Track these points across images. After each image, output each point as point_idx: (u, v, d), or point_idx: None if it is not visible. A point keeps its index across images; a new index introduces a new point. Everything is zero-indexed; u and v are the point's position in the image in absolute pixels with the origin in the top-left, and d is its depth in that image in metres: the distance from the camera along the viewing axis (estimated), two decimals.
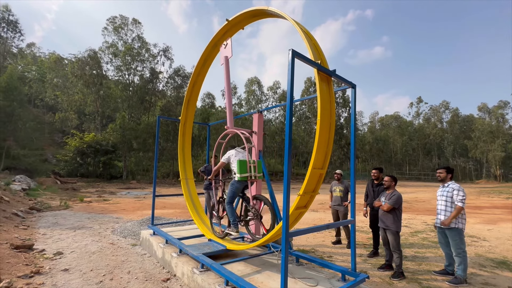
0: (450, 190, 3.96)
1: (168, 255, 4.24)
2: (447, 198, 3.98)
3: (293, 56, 2.46)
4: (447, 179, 4.10)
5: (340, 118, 42.55)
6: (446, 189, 4.03)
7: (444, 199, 4.01)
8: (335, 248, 5.60)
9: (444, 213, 3.97)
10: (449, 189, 3.99)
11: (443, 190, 4.09)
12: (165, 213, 9.62)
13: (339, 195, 5.81)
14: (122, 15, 33.02)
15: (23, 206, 9.42)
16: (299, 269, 3.58)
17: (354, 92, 3.32)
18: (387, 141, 56.94)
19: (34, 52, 51.25)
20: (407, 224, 8.26)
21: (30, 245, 4.95)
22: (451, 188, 3.98)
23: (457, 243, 3.84)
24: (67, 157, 26.61)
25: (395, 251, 4.05)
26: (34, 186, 16.11)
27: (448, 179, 4.10)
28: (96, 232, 6.57)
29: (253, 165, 4.00)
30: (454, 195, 3.89)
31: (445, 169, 4.13)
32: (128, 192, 18.24)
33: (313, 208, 11.66)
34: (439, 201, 4.13)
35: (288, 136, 2.44)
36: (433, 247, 5.70)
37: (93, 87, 30.96)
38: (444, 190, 4.07)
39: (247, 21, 4.36)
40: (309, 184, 2.77)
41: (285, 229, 2.38)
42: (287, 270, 2.39)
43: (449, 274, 4.05)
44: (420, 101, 59.33)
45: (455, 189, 3.92)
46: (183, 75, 36.03)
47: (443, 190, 4.09)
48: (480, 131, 45.08)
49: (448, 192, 3.98)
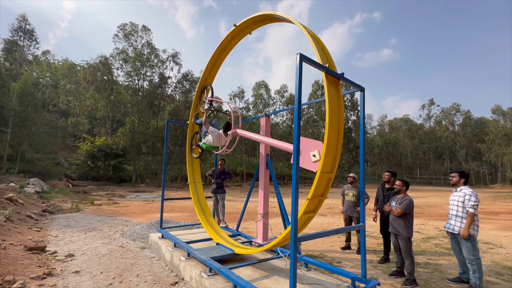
0: (462, 195, 3.84)
1: (176, 259, 4.25)
2: (458, 203, 3.87)
3: (301, 60, 2.46)
4: (459, 183, 3.98)
5: (349, 121, 42.08)
6: (458, 194, 3.92)
7: (456, 203, 3.90)
8: (344, 253, 5.50)
9: (455, 218, 3.87)
10: (461, 193, 3.88)
11: (455, 195, 3.98)
12: (173, 217, 9.69)
13: (352, 200, 5.65)
14: (133, 23, 33.86)
15: (37, 208, 9.66)
16: (308, 274, 3.53)
17: (363, 96, 3.29)
18: (396, 144, 55.88)
19: (48, 59, 53.02)
20: (419, 229, 8.05)
21: (42, 247, 5.06)
22: (463, 193, 3.86)
23: (469, 250, 3.71)
24: (79, 161, 27.23)
25: (407, 258, 3.94)
26: (47, 189, 16.53)
27: (461, 183, 3.98)
28: (106, 235, 6.67)
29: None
30: (466, 200, 3.76)
31: (458, 173, 4.01)
32: (137, 196, 18.47)
33: (321, 212, 11.52)
34: (451, 206, 4.02)
35: (296, 140, 2.43)
36: (446, 254, 5.53)
37: (104, 92, 31.69)
38: (456, 195, 3.97)
39: (255, 26, 4.40)
40: (318, 189, 2.75)
41: (294, 234, 2.36)
42: (295, 275, 2.36)
43: (463, 282, 3.91)
44: (432, 103, 58.08)
45: (467, 194, 3.79)
46: (191, 80, 36.51)
47: (455, 194, 3.98)
48: (494, 134, 43.70)
49: (460, 196, 3.87)
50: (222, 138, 4.57)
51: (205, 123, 4.68)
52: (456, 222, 3.87)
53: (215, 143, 4.59)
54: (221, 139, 4.58)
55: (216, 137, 4.55)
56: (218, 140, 4.57)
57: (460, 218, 3.82)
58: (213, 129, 4.62)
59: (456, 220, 3.85)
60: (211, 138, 4.58)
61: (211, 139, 4.59)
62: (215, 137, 4.55)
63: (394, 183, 4.92)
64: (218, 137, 4.56)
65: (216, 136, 4.56)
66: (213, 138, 4.56)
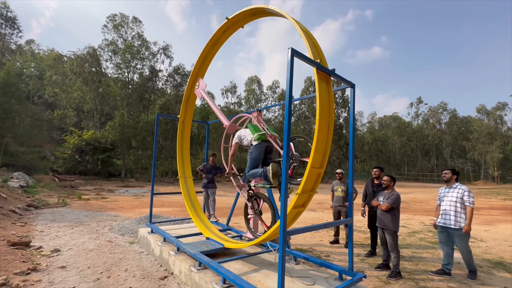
0: (460, 192, 4.04)
1: (165, 253, 4.23)
2: (457, 199, 4.04)
3: (292, 54, 2.45)
4: (452, 180, 4.22)
5: (340, 118, 42.54)
6: (455, 191, 4.10)
7: (454, 199, 4.06)
8: (332, 247, 5.61)
9: (454, 214, 4.03)
10: (459, 190, 4.07)
11: (450, 191, 4.16)
12: (163, 211, 9.61)
13: (341, 195, 5.79)
14: (123, 14, 32.92)
15: (21, 203, 9.39)
16: (297, 268, 3.59)
17: (353, 92, 3.31)
18: (386, 141, 57.00)
19: (33, 49, 51.03)
20: (405, 224, 8.28)
21: (27, 242, 4.93)
22: (461, 190, 4.05)
23: (466, 243, 3.98)
24: (66, 155, 26.55)
25: (393, 251, 4.06)
26: (32, 184, 16.06)
27: (453, 180, 4.22)
28: (93, 230, 6.56)
29: (265, 127, 3.87)
30: (465, 197, 3.98)
31: (450, 171, 4.26)
32: (127, 190, 18.20)
33: (311, 207, 11.68)
34: (445, 202, 4.18)
35: (286, 136, 2.44)
36: (430, 247, 5.72)
37: (92, 85, 30.83)
38: (451, 191, 4.14)
39: (247, 19, 4.35)
40: (307, 183, 2.77)
41: (283, 228, 2.38)
42: (284, 269, 2.39)
43: (445, 274, 4.08)
44: (420, 102, 59.41)
45: (465, 191, 4.01)
46: (183, 73, 35.95)
47: (450, 191, 4.16)
48: (478, 133, 45.20)
49: (458, 193, 4.05)
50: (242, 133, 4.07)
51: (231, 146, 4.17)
52: (452, 217, 4.04)
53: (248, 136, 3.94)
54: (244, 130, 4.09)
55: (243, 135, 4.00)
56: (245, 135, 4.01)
57: (459, 213, 4.00)
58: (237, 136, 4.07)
59: (456, 216, 4.01)
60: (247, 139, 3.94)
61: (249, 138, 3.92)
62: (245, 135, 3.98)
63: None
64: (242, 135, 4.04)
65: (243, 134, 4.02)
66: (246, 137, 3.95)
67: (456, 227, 3.98)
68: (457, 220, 3.99)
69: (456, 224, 3.98)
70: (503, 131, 46.32)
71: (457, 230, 3.97)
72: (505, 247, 5.87)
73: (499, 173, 43.46)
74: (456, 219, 4.00)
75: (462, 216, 3.98)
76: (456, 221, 3.99)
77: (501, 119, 46.45)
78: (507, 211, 11.78)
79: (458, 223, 3.98)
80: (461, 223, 3.95)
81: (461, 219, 3.97)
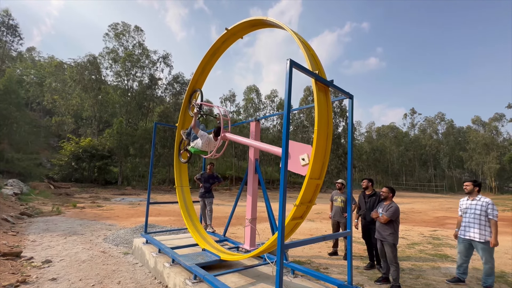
0: (484, 205, 4.04)
1: (160, 265, 4.13)
2: (481, 212, 4.04)
3: (291, 66, 2.47)
4: (474, 192, 4.22)
5: (338, 127, 42.74)
6: (479, 203, 4.10)
7: (479, 212, 4.06)
8: (331, 259, 5.51)
9: (479, 227, 4.03)
10: (482, 203, 4.06)
11: (474, 204, 4.15)
12: (159, 221, 9.45)
13: (340, 206, 5.69)
14: (125, 22, 33.35)
15: (14, 211, 9.21)
16: (295, 281, 3.50)
17: (352, 103, 3.32)
18: (383, 151, 57.16)
19: (33, 56, 51.34)
20: (404, 235, 8.18)
21: (18, 253, 4.80)
22: (485, 203, 4.05)
23: (491, 256, 3.98)
24: (62, 162, 26.26)
25: (392, 264, 3.98)
26: (26, 191, 15.81)
27: (475, 192, 4.21)
28: (87, 240, 6.42)
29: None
30: (489, 210, 3.98)
31: (471, 182, 4.25)
32: (123, 199, 17.95)
33: (310, 217, 11.54)
34: (468, 215, 4.18)
35: (284, 146, 2.42)
36: (430, 260, 5.63)
37: (91, 92, 30.87)
38: (474, 204, 4.14)
39: (246, 30, 4.40)
40: (306, 195, 2.73)
41: (280, 241, 2.32)
42: (281, 282, 2.32)
43: (460, 281, 4.17)
44: (414, 112, 60.13)
45: (489, 204, 4.01)
46: (182, 82, 36.17)
47: (473, 203, 4.16)
48: (475, 143, 45.51)
49: (482, 206, 4.04)
50: (212, 142, 4.49)
51: (195, 127, 4.61)
52: (476, 230, 4.04)
53: (204, 147, 4.51)
54: (211, 144, 4.50)
55: (205, 141, 4.47)
56: (207, 144, 4.49)
57: (483, 226, 4.00)
58: (202, 133, 4.54)
59: (480, 228, 4.01)
60: (201, 142, 4.50)
61: (200, 143, 4.51)
62: (204, 141, 4.47)
63: (374, 189, 5.04)
64: (207, 141, 4.48)
65: (206, 140, 4.48)
66: (202, 142, 4.48)
67: (482, 240, 3.99)
68: (481, 233, 4.01)
69: (481, 237, 4.00)
70: (499, 142, 46.66)
71: (483, 243, 3.98)
72: (506, 260, 5.79)
73: (496, 183, 43.51)
74: (481, 232, 4.01)
75: (487, 230, 3.99)
76: (481, 234, 4.00)
77: (496, 130, 46.91)
78: (506, 222, 11.70)
79: (483, 236, 3.99)
80: (486, 236, 3.97)
81: (486, 232, 3.99)
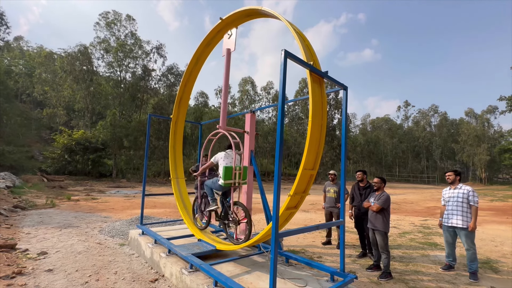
0: (466, 192, 4.19)
1: (156, 255, 4.17)
2: (463, 200, 4.19)
3: (285, 56, 2.46)
4: (456, 181, 4.39)
5: (333, 119, 42.90)
6: (461, 191, 4.24)
7: (461, 200, 4.21)
8: (325, 248, 5.64)
9: (461, 213, 4.18)
10: (464, 191, 4.22)
11: (456, 192, 4.29)
12: (155, 213, 9.49)
13: (333, 196, 5.81)
14: (116, 11, 32.40)
15: (7, 204, 9.12)
16: (289, 269, 3.58)
17: (346, 94, 3.34)
18: (378, 143, 57.79)
19: (21, 46, 49.73)
20: (396, 225, 8.40)
21: (12, 245, 4.79)
22: (466, 190, 4.20)
23: (472, 240, 4.13)
24: (55, 154, 25.89)
25: (383, 252, 4.10)
26: (19, 184, 15.63)
27: (457, 181, 4.38)
28: (83, 232, 6.42)
29: (238, 172, 3.99)
30: (470, 197, 4.13)
31: (453, 172, 4.41)
32: (118, 191, 17.90)
33: (304, 208, 11.72)
34: (451, 203, 4.32)
35: (279, 137, 2.43)
36: (420, 248, 5.81)
37: (83, 83, 30.19)
38: (457, 192, 4.28)
39: (241, 20, 4.34)
40: (300, 185, 2.78)
41: (275, 230, 2.37)
42: (276, 270, 2.38)
43: (451, 268, 4.40)
44: (407, 105, 60.62)
45: (470, 191, 4.17)
46: (176, 73, 35.62)
47: (456, 192, 4.30)
48: (467, 135, 46.28)
49: (464, 193, 4.19)
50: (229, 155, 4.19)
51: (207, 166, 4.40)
52: (459, 217, 4.18)
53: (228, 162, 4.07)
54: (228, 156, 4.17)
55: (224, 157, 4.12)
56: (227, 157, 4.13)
57: (465, 213, 4.15)
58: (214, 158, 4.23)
59: (463, 215, 4.16)
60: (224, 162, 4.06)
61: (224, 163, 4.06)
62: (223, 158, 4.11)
63: (368, 181, 5.16)
64: (225, 156, 4.14)
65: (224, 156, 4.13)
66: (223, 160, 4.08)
67: (464, 226, 4.14)
68: (464, 220, 4.15)
69: (464, 223, 4.15)
70: (490, 134, 47.53)
71: (465, 229, 4.13)
72: (492, 247, 6.01)
73: (486, 174, 44.56)
74: (463, 218, 4.16)
75: (469, 216, 4.14)
76: (463, 221, 4.15)
77: (488, 122, 47.67)
78: (494, 211, 12.08)
79: (466, 222, 4.14)
80: (469, 222, 4.12)
81: (469, 218, 4.14)
